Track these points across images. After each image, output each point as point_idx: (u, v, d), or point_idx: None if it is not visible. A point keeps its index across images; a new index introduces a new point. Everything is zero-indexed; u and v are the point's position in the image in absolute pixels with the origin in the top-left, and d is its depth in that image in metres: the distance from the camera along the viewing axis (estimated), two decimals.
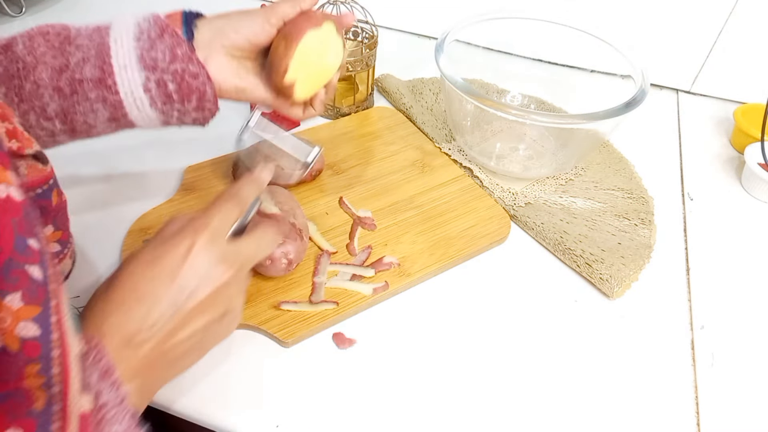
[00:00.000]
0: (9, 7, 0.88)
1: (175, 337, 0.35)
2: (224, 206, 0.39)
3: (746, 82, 0.78)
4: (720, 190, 0.66)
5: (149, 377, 0.35)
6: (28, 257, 0.27)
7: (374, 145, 0.67)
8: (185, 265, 0.36)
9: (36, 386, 0.27)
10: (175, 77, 0.43)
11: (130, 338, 0.34)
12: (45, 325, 0.27)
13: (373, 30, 0.69)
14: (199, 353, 0.38)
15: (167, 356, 0.36)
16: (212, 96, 0.45)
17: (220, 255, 0.37)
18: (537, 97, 0.73)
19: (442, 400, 0.44)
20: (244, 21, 0.46)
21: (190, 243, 0.36)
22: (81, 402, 0.28)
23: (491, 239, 0.56)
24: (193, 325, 0.36)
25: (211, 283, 0.36)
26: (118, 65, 0.42)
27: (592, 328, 0.50)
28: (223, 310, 0.37)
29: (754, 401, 0.46)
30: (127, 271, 0.36)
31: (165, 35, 0.43)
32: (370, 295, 0.50)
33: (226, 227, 0.38)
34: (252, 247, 0.39)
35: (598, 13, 0.79)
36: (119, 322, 0.34)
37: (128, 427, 0.32)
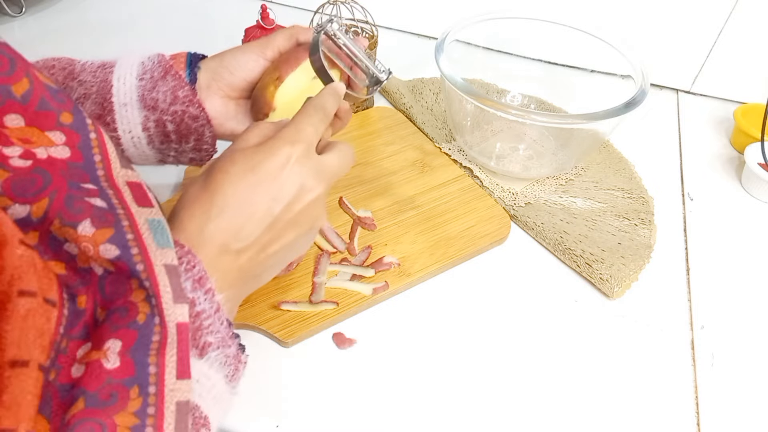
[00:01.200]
0: (9, 7, 0.88)
1: (268, 249, 0.35)
2: (314, 119, 0.38)
3: (746, 82, 0.78)
4: (720, 190, 0.66)
5: (242, 287, 0.36)
6: (87, 192, 0.28)
7: (374, 145, 0.67)
8: (283, 176, 0.35)
9: (140, 299, 0.28)
10: (175, 118, 0.43)
11: (228, 246, 0.34)
12: (123, 243, 0.28)
13: (373, 30, 0.69)
14: (280, 267, 0.38)
15: (258, 268, 0.36)
16: (210, 138, 0.45)
17: (315, 169, 0.36)
18: (537, 97, 0.73)
19: (443, 399, 0.44)
20: (239, 60, 0.45)
21: (288, 154, 0.35)
22: (176, 312, 0.29)
23: (491, 239, 0.56)
24: (285, 237, 0.36)
25: (306, 196, 0.36)
26: (118, 103, 0.43)
27: (592, 328, 0.50)
28: (309, 225, 0.37)
29: (754, 401, 0.46)
30: (224, 175, 0.34)
31: (168, 76, 0.43)
32: (370, 295, 0.50)
33: (316, 140, 0.38)
34: (337, 162, 0.39)
35: (598, 13, 0.79)
36: (219, 229, 0.33)
37: (224, 336, 0.32)
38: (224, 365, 0.32)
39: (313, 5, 0.68)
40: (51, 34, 0.85)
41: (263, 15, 0.64)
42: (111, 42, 0.84)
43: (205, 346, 0.31)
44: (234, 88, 0.46)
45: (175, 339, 0.28)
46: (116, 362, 0.26)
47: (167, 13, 0.93)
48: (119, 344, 0.27)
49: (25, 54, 0.45)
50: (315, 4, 0.68)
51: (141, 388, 0.26)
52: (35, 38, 0.85)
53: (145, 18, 0.92)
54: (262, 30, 0.65)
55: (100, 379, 0.26)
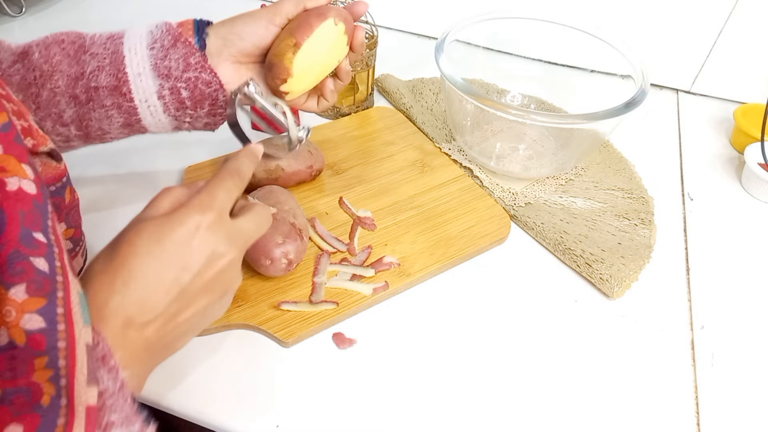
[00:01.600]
0: (9, 7, 0.88)
1: (177, 319, 0.34)
2: (229, 184, 0.37)
3: (746, 82, 0.78)
4: (720, 190, 0.66)
5: (147, 360, 0.34)
6: (34, 250, 0.27)
7: (374, 145, 0.67)
8: (193, 244, 0.34)
9: (44, 379, 0.26)
10: (189, 85, 0.44)
11: (133, 320, 0.32)
12: (51, 317, 0.27)
13: (373, 30, 0.69)
14: (192, 335, 0.37)
15: (167, 338, 0.35)
16: (224, 101, 0.46)
17: (226, 235, 0.36)
18: (537, 97, 0.73)
19: (443, 399, 0.44)
20: (248, 26, 0.46)
21: (198, 221, 0.35)
22: (87, 395, 0.27)
23: (491, 239, 0.56)
24: (195, 306, 0.35)
25: (217, 263, 0.35)
26: (132, 74, 0.43)
27: (592, 328, 0.50)
28: (223, 290, 0.37)
29: (754, 401, 0.46)
30: (129, 247, 0.34)
31: (178, 44, 0.44)
32: (370, 295, 0.50)
33: (229, 205, 0.37)
34: (252, 225, 0.38)
35: (598, 13, 0.79)
36: (123, 303, 0.32)
37: (129, 413, 0.31)
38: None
39: None
40: None
41: None
42: None
43: (108, 426, 0.29)
44: (245, 54, 0.46)
45: (83, 423, 0.27)
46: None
47: (167, 13, 0.93)
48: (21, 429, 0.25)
49: None
50: None
51: None
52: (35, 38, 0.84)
53: (145, 18, 0.91)
54: None
55: None
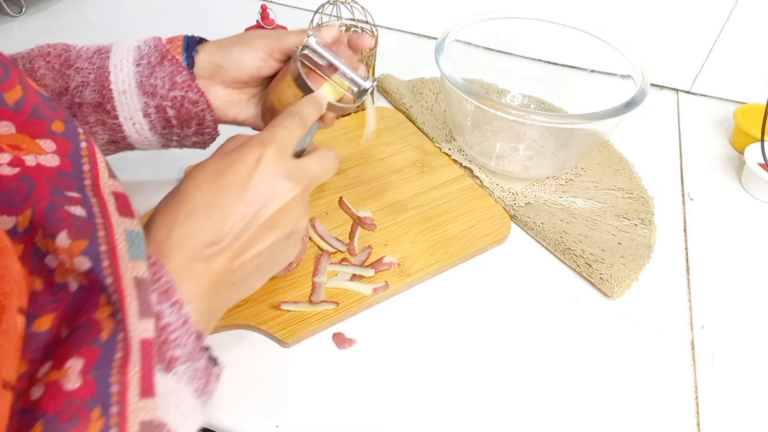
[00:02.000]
0: (9, 7, 0.88)
1: (244, 255, 0.34)
2: (289, 122, 0.37)
3: (746, 82, 0.78)
4: (720, 190, 0.66)
5: (215, 297, 0.34)
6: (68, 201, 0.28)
7: (374, 145, 0.67)
8: (254, 178, 0.34)
9: (105, 316, 0.27)
10: (175, 104, 0.43)
11: (198, 252, 0.32)
12: (95, 256, 0.27)
13: (373, 30, 0.69)
14: (264, 276, 0.37)
15: (234, 275, 0.34)
16: (212, 122, 0.45)
17: (288, 170, 0.35)
18: (537, 97, 0.73)
19: (442, 399, 0.44)
20: (246, 57, 0.45)
21: (258, 155, 0.34)
22: (140, 328, 0.27)
23: (491, 239, 0.56)
24: (261, 242, 0.34)
25: (280, 198, 0.34)
26: (117, 91, 0.42)
27: (592, 328, 0.50)
28: (290, 229, 0.36)
29: (754, 401, 0.46)
30: (193, 182, 0.34)
31: (165, 62, 0.43)
32: (370, 295, 0.50)
33: (291, 143, 0.36)
34: (317, 165, 0.37)
35: (598, 13, 0.79)
36: (186, 235, 0.32)
37: (193, 349, 0.31)
38: (193, 379, 0.31)
39: (313, 5, 0.68)
40: (51, 34, 0.85)
41: (263, 15, 0.64)
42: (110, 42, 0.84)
43: (172, 360, 0.30)
44: (239, 82, 0.46)
45: (138, 356, 0.27)
46: (77, 382, 0.25)
47: (167, 13, 0.93)
48: (81, 363, 0.25)
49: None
50: (315, 4, 0.68)
51: (103, 409, 0.25)
52: (35, 38, 0.84)
53: (145, 18, 0.92)
54: (262, 30, 0.65)
55: (60, 400, 0.24)
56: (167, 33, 0.46)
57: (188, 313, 0.31)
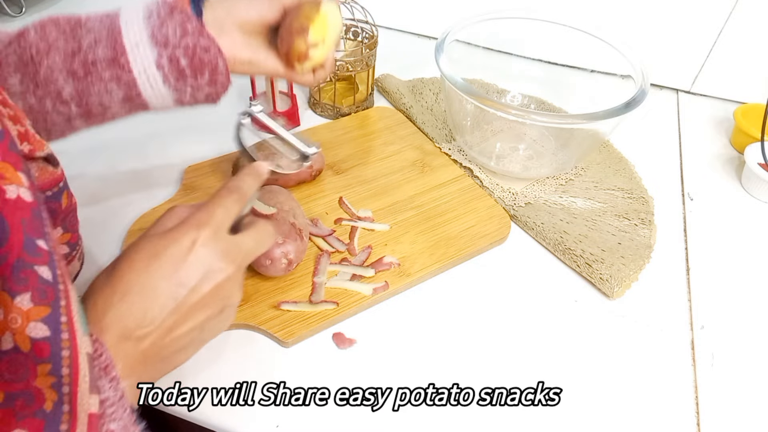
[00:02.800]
0: (9, 7, 0.88)
1: (174, 332, 0.35)
2: (226, 200, 0.38)
3: (746, 82, 0.78)
4: (720, 190, 0.66)
5: (144, 373, 0.35)
6: (37, 258, 0.27)
7: (374, 145, 0.67)
8: (188, 260, 0.35)
9: (46, 386, 0.27)
10: (187, 52, 0.43)
11: (130, 332, 0.33)
12: (55, 326, 0.27)
13: (373, 30, 0.69)
14: (194, 349, 0.38)
15: (164, 351, 0.35)
16: (224, 69, 0.45)
17: (223, 250, 0.36)
18: (537, 97, 0.73)
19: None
20: (254, 5, 0.46)
21: (194, 237, 0.35)
22: (91, 402, 0.28)
23: (491, 239, 0.56)
24: (192, 320, 0.36)
25: (213, 278, 0.36)
26: (129, 44, 0.42)
27: (592, 328, 0.50)
28: (222, 306, 0.37)
29: (754, 401, 0.46)
30: (128, 263, 0.35)
31: (174, 13, 0.43)
32: (370, 295, 0.50)
33: (228, 221, 0.38)
34: (252, 242, 0.39)
35: (598, 13, 0.79)
36: (120, 315, 0.33)
37: (127, 422, 0.32)
38: None
39: None
40: None
41: None
42: None
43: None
44: (249, 23, 0.46)
45: (85, 429, 0.27)
46: None
47: None
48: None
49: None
50: None
51: None
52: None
53: None
54: None
55: None
56: None
57: (124, 388, 0.32)
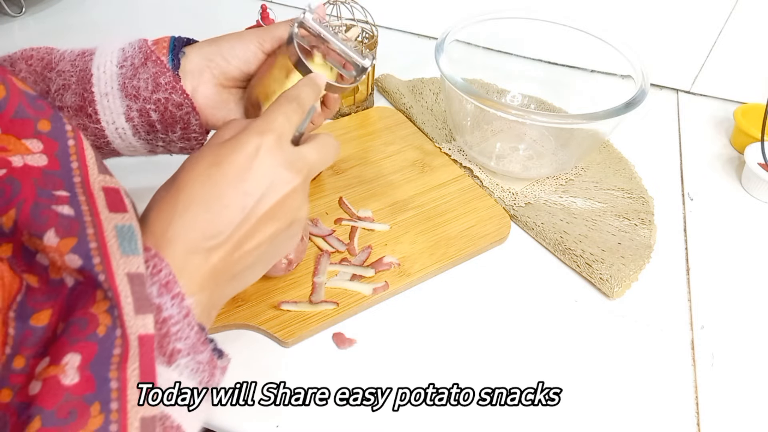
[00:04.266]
0: (9, 7, 0.88)
1: (244, 246, 0.33)
2: (287, 108, 0.36)
3: (746, 82, 0.78)
4: (720, 190, 0.66)
5: (216, 289, 0.33)
6: (55, 200, 0.27)
7: (374, 145, 0.67)
8: (253, 168, 0.33)
9: (101, 311, 0.27)
10: (158, 107, 0.42)
11: (197, 245, 0.31)
12: (85, 253, 0.27)
13: (373, 30, 0.69)
14: (263, 266, 0.36)
15: (235, 267, 0.33)
16: (198, 126, 0.44)
17: (288, 159, 0.34)
18: (537, 97, 0.73)
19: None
20: (236, 49, 0.44)
21: (257, 144, 0.33)
22: (138, 323, 0.27)
23: (491, 239, 0.56)
24: (262, 233, 0.34)
25: (280, 189, 0.34)
26: (99, 93, 0.41)
27: (592, 328, 0.50)
28: (290, 219, 0.35)
29: (754, 401, 0.46)
30: (190, 173, 0.33)
31: (148, 63, 0.41)
32: (370, 295, 0.50)
33: (290, 130, 0.35)
34: (316, 153, 0.36)
35: (598, 13, 0.79)
36: (185, 227, 0.31)
37: (195, 341, 0.30)
38: (196, 372, 0.31)
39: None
40: (51, 34, 0.85)
41: (263, 15, 0.64)
42: None
43: (174, 353, 0.29)
44: (228, 77, 0.44)
45: (137, 352, 0.27)
46: (75, 378, 0.25)
47: (167, 13, 0.93)
48: (78, 358, 0.25)
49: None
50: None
51: (102, 405, 0.25)
52: (35, 38, 0.85)
53: (145, 18, 0.92)
54: None
55: (58, 395, 0.24)
56: (167, 33, 0.46)
57: (189, 305, 0.30)
